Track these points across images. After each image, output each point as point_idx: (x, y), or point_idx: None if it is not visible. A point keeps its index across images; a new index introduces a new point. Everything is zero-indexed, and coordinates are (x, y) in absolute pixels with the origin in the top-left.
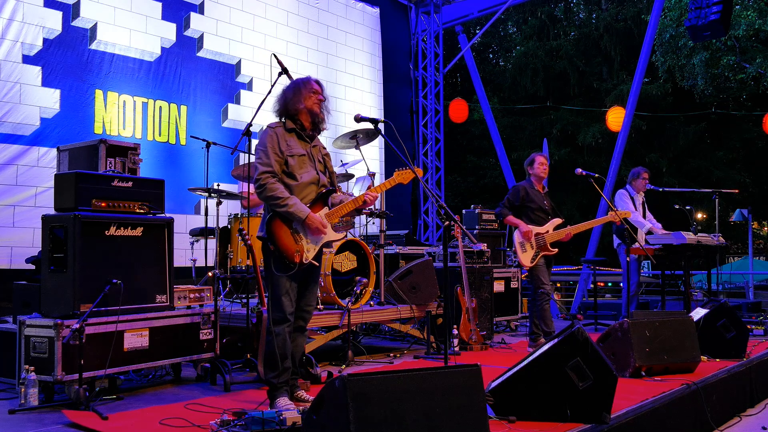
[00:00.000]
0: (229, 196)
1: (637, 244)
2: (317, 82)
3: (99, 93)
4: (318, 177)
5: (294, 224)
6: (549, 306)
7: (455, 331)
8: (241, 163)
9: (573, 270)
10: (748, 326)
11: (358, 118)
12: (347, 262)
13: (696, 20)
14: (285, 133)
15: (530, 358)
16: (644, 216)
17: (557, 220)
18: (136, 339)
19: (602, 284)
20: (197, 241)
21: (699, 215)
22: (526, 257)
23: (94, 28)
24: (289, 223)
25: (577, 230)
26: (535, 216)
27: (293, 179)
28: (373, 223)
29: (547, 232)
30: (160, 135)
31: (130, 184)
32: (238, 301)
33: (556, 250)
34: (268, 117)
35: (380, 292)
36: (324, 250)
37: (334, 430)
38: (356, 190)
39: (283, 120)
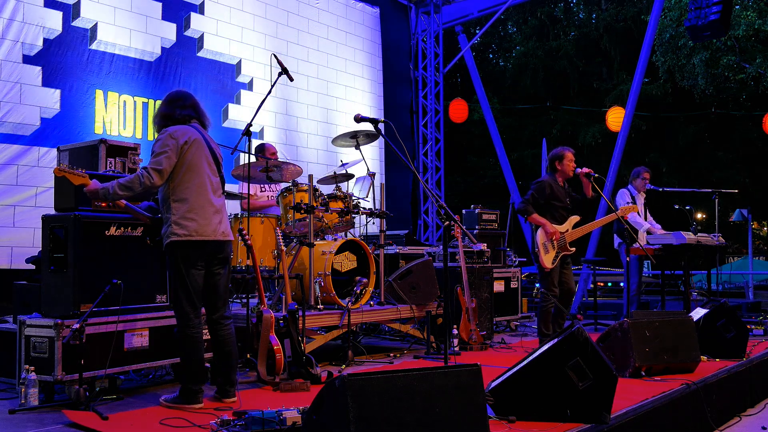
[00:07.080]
0: (229, 196)
1: (637, 244)
2: None
3: (99, 93)
4: None
5: None
6: (552, 309)
7: (455, 331)
8: (242, 163)
9: (573, 270)
10: (748, 326)
11: (358, 118)
12: (347, 262)
13: (696, 20)
14: None
15: (530, 358)
16: (645, 218)
17: (575, 218)
18: (136, 339)
19: (602, 284)
20: None
21: (699, 215)
22: (548, 258)
23: (94, 28)
24: None
25: (587, 230)
26: (558, 214)
27: None
28: (373, 223)
29: (567, 230)
30: None
31: None
32: (238, 301)
33: (574, 249)
34: (268, 117)
35: (380, 292)
36: (324, 250)
37: (334, 430)
38: (356, 189)
39: None
